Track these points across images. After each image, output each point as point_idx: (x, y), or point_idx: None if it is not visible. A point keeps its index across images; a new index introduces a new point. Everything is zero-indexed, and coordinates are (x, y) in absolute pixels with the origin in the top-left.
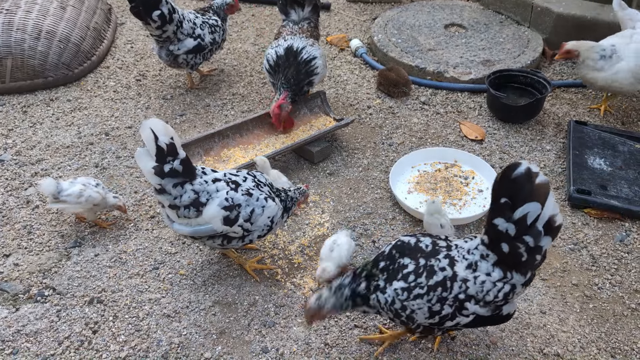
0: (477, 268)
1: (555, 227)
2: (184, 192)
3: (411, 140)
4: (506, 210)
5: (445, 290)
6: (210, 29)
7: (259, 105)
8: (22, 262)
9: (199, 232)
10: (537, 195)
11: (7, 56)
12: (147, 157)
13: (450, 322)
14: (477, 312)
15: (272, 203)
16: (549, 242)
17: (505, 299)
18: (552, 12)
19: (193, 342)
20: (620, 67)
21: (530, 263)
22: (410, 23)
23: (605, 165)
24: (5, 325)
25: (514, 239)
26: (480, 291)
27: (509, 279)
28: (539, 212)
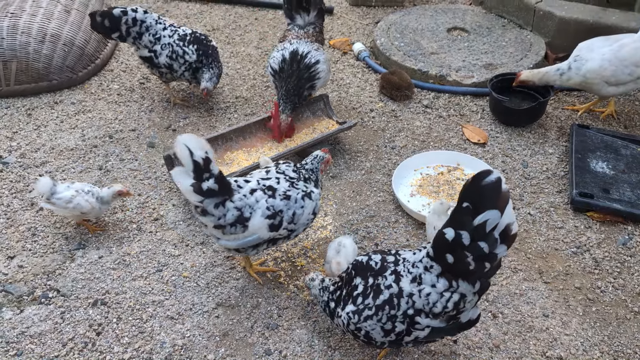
0: (422, 281)
1: (510, 236)
2: (227, 210)
3: (414, 144)
4: (465, 215)
5: (393, 308)
6: (170, 53)
7: (262, 109)
8: (26, 264)
9: (247, 243)
10: (499, 204)
11: (12, 59)
12: (184, 175)
13: (408, 337)
14: (431, 325)
15: (309, 201)
16: (504, 250)
17: (456, 309)
18: (555, 16)
19: (196, 344)
20: (588, 68)
21: (479, 271)
22: (413, 27)
23: (607, 168)
24: (10, 326)
25: (463, 247)
26: (426, 304)
27: (455, 288)
28: (497, 221)
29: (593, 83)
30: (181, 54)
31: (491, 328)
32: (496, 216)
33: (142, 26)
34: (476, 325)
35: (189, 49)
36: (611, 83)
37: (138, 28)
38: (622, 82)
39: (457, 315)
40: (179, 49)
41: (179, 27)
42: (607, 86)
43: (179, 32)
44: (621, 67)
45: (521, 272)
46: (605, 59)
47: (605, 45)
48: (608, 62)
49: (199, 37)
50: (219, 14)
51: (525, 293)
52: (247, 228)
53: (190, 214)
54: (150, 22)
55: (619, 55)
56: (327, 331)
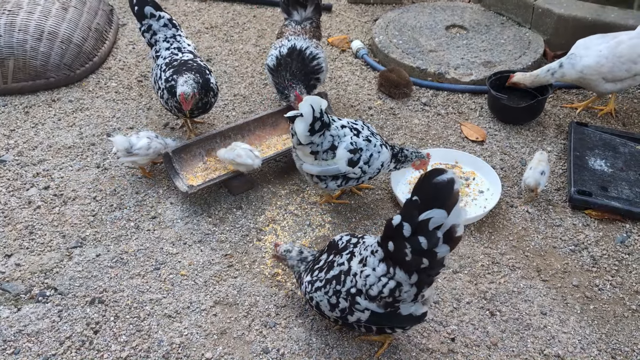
0: (366, 263)
1: (455, 237)
2: (325, 138)
3: (412, 141)
4: (412, 209)
5: (339, 283)
6: (156, 67)
7: (260, 106)
8: (23, 262)
9: (326, 171)
10: (447, 204)
11: (9, 57)
12: (303, 124)
13: (352, 317)
14: (369, 308)
15: (385, 150)
16: (446, 250)
17: (392, 296)
18: (553, 14)
19: (194, 342)
20: (584, 64)
21: (415, 264)
22: (412, 24)
23: (606, 166)
24: (7, 325)
25: (403, 238)
26: (364, 285)
27: (392, 274)
28: (443, 221)
29: (590, 79)
30: (158, 73)
31: (489, 326)
32: (442, 215)
33: (152, 37)
34: (474, 323)
35: (169, 73)
36: (608, 79)
37: (149, 36)
38: (619, 78)
39: (394, 304)
40: (161, 68)
41: (179, 50)
42: (605, 82)
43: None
44: (618, 63)
45: (519, 270)
46: (601, 56)
47: (602, 42)
48: (605, 59)
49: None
50: (217, 11)
51: (523, 291)
52: (335, 155)
53: (189, 212)
54: (159, 36)
55: (616, 52)
56: (325, 329)
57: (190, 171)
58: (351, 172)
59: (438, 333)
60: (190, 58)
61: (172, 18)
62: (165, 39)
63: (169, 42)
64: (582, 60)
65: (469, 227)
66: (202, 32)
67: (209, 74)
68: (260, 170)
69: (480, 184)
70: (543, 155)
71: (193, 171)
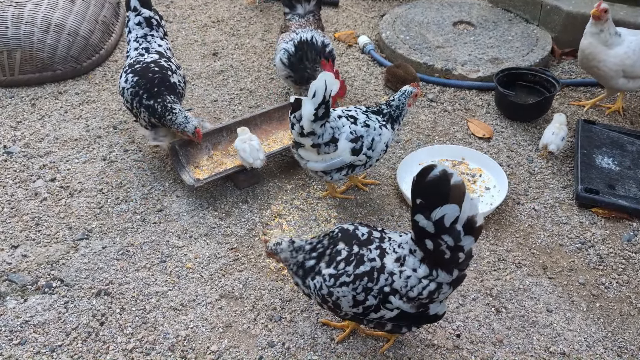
0: (405, 262)
1: (476, 228)
2: (325, 130)
3: (419, 138)
4: (424, 210)
5: (372, 281)
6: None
7: (266, 101)
8: (30, 253)
9: (332, 165)
10: (453, 197)
11: (16, 49)
12: (310, 104)
13: (374, 314)
14: (400, 308)
15: (385, 130)
16: (470, 241)
17: (430, 298)
18: (562, 11)
19: (199, 335)
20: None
21: (454, 261)
22: (419, 20)
23: (613, 164)
24: (14, 315)
25: (435, 236)
26: (404, 286)
27: (434, 277)
28: (457, 214)
29: (610, 70)
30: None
31: (494, 323)
32: (454, 210)
33: (128, 35)
34: (479, 320)
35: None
36: (627, 74)
37: (126, 33)
38: (637, 75)
39: (427, 304)
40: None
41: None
42: (621, 77)
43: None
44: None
45: (525, 267)
46: (630, 48)
47: (632, 34)
48: (632, 52)
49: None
50: (223, 5)
51: (529, 288)
52: (337, 148)
53: (195, 206)
54: (131, 35)
55: None
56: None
57: (195, 164)
58: (356, 160)
59: (443, 329)
60: (154, 60)
61: (154, 17)
62: (136, 39)
63: (138, 42)
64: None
65: None
66: (208, 26)
67: (172, 75)
68: (267, 164)
69: (487, 181)
70: (562, 117)
71: (199, 164)
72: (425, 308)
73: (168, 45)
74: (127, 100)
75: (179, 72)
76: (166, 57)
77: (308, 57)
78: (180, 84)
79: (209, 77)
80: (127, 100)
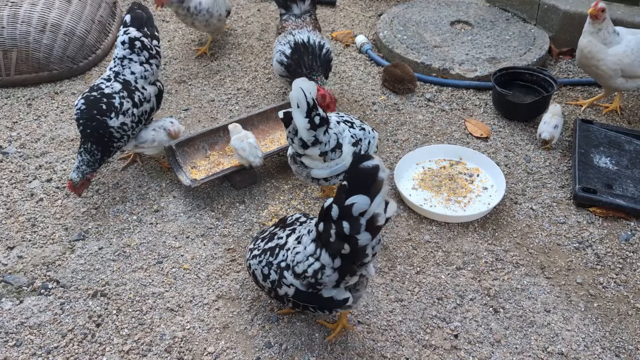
0: (300, 241)
1: (376, 226)
2: (330, 137)
3: (416, 137)
4: (341, 192)
5: (272, 255)
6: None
7: (263, 101)
8: (26, 254)
9: (336, 171)
10: (370, 191)
11: (12, 49)
12: (300, 114)
13: (280, 290)
14: (294, 284)
15: (376, 133)
16: (367, 238)
17: (314, 277)
18: (559, 10)
19: (196, 336)
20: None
21: (336, 248)
22: (416, 20)
23: (611, 164)
24: (9, 317)
25: (331, 220)
26: (292, 261)
27: (317, 255)
28: (366, 207)
29: (607, 69)
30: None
31: (492, 323)
32: (364, 202)
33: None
34: (477, 320)
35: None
36: (625, 74)
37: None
38: (635, 75)
39: (316, 285)
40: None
41: (117, 75)
42: (619, 76)
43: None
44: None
45: (523, 267)
46: (629, 47)
47: (631, 34)
48: (631, 51)
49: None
50: None
51: (527, 288)
52: (342, 153)
53: (191, 206)
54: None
55: None
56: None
57: (192, 164)
58: None
59: (441, 329)
60: (109, 93)
61: (139, 39)
62: (114, 58)
63: (114, 63)
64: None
65: (473, 224)
66: None
67: (114, 117)
68: (264, 165)
69: (485, 181)
70: (557, 108)
71: (196, 165)
72: (316, 289)
73: (146, 72)
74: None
75: (133, 112)
76: (129, 90)
77: (304, 61)
78: (124, 127)
79: (205, 77)
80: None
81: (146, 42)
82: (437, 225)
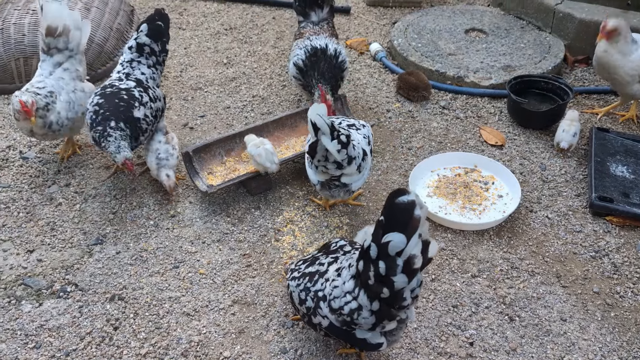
0: (340, 274)
1: (412, 269)
2: (355, 149)
3: (431, 145)
4: (379, 228)
5: (311, 281)
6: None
7: (278, 108)
8: (45, 258)
9: (367, 174)
10: (407, 229)
11: (32, 55)
12: (327, 140)
13: (314, 319)
14: (328, 317)
15: (368, 123)
16: (403, 281)
17: (350, 316)
18: (575, 18)
19: (212, 340)
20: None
21: (376, 291)
22: (431, 27)
23: (627, 172)
24: (29, 319)
25: (369, 259)
26: (329, 294)
27: (356, 295)
28: (402, 247)
29: (626, 76)
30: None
31: (508, 331)
32: (401, 241)
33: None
34: (492, 328)
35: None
36: None
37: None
38: None
39: (351, 324)
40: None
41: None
42: (637, 82)
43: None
44: None
45: (539, 275)
46: None
47: None
48: None
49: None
50: (236, 12)
51: (543, 297)
52: (367, 155)
53: (208, 212)
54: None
55: None
56: None
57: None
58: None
59: (456, 337)
60: (127, 88)
61: (148, 44)
62: (122, 62)
63: (122, 66)
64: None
65: (488, 232)
66: (221, 34)
67: (137, 108)
68: (279, 171)
69: (500, 189)
70: (575, 114)
71: (213, 171)
72: (350, 328)
73: (154, 75)
74: (87, 122)
75: (151, 105)
76: (143, 87)
77: (319, 66)
78: (147, 119)
79: (221, 84)
80: (87, 122)
81: (154, 50)
82: (452, 232)
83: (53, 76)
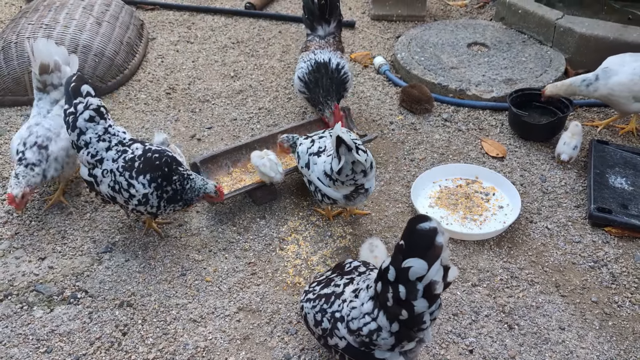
0: (358, 295)
1: (433, 295)
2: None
3: (433, 156)
4: (398, 253)
5: (327, 303)
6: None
7: (284, 120)
8: (56, 265)
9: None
10: (429, 255)
11: None
12: (355, 154)
13: (331, 340)
14: (346, 338)
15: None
16: (424, 305)
17: (369, 337)
18: (575, 33)
19: (218, 346)
20: (617, 81)
21: (394, 313)
22: (434, 41)
23: (626, 184)
24: (41, 325)
25: (388, 282)
26: (347, 315)
27: (375, 316)
28: (423, 273)
29: (620, 97)
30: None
31: (507, 339)
32: (422, 267)
33: (79, 137)
34: (492, 336)
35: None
36: (639, 99)
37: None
38: None
39: (369, 346)
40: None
41: (121, 143)
42: (634, 102)
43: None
44: None
45: (538, 284)
46: (636, 73)
47: (637, 60)
48: (638, 77)
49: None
50: (243, 26)
51: (542, 305)
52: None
53: (214, 221)
54: (87, 137)
55: None
56: None
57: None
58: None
59: (456, 345)
60: (144, 149)
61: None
62: (98, 138)
63: (104, 141)
64: (618, 75)
65: (489, 242)
66: (228, 47)
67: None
68: (284, 181)
69: (500, 200)
70: (578, 127)
71: (219, 181)
72: (369, 349)
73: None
74: None
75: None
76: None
77: (322, 82)
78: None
79: (228, 97)
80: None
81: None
82: (453, 242)
83: (51, 114)
